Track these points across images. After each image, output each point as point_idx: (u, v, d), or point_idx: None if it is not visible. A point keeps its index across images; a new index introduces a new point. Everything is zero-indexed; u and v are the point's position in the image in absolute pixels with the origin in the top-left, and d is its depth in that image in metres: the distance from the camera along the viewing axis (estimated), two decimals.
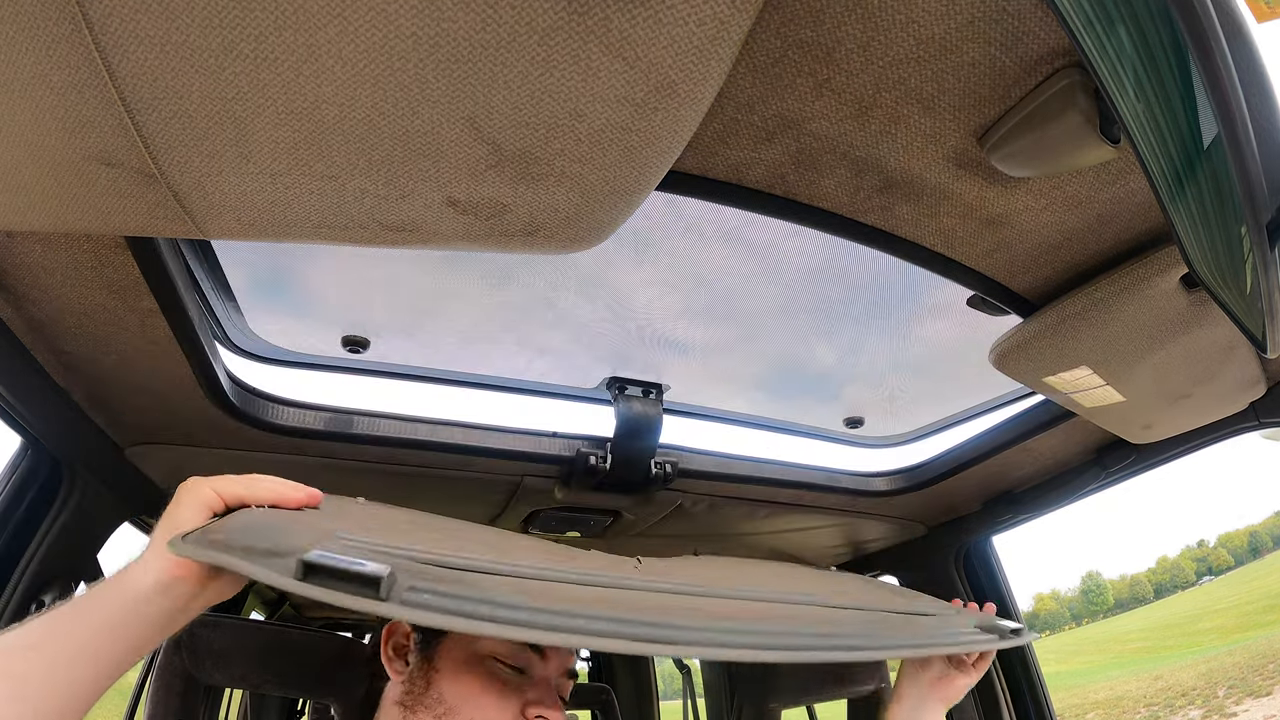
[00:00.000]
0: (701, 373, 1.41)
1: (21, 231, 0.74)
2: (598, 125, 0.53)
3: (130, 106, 0.49)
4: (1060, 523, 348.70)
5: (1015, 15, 0.60)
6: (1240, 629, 54.28)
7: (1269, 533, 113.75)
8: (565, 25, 0.46)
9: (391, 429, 1.30)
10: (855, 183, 0.81)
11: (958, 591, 1.86)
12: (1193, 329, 0.93)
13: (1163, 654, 55.65)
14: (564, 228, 0.64)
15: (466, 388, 1.39)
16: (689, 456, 1.50)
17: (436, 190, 0.59)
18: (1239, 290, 0.66)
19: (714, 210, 0.95)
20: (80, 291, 0.84)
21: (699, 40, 0.47)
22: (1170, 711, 33.53)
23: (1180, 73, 0.46)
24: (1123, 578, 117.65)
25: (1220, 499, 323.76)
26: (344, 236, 0.64)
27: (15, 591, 1.16)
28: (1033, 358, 1.02)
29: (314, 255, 1.06)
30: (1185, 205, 0.59)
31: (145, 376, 1.04)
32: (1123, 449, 1.38)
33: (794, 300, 1.20)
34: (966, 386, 1.47)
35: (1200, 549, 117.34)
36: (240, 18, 0.44)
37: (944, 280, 1.00)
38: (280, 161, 0.55)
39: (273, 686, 1.24)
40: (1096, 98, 0.64)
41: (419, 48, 0.47)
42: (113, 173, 0.55)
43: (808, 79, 0.67)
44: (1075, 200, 0.83)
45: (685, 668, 2.98)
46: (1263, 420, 1.22)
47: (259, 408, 1.20)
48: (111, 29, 0.44)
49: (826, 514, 1.73)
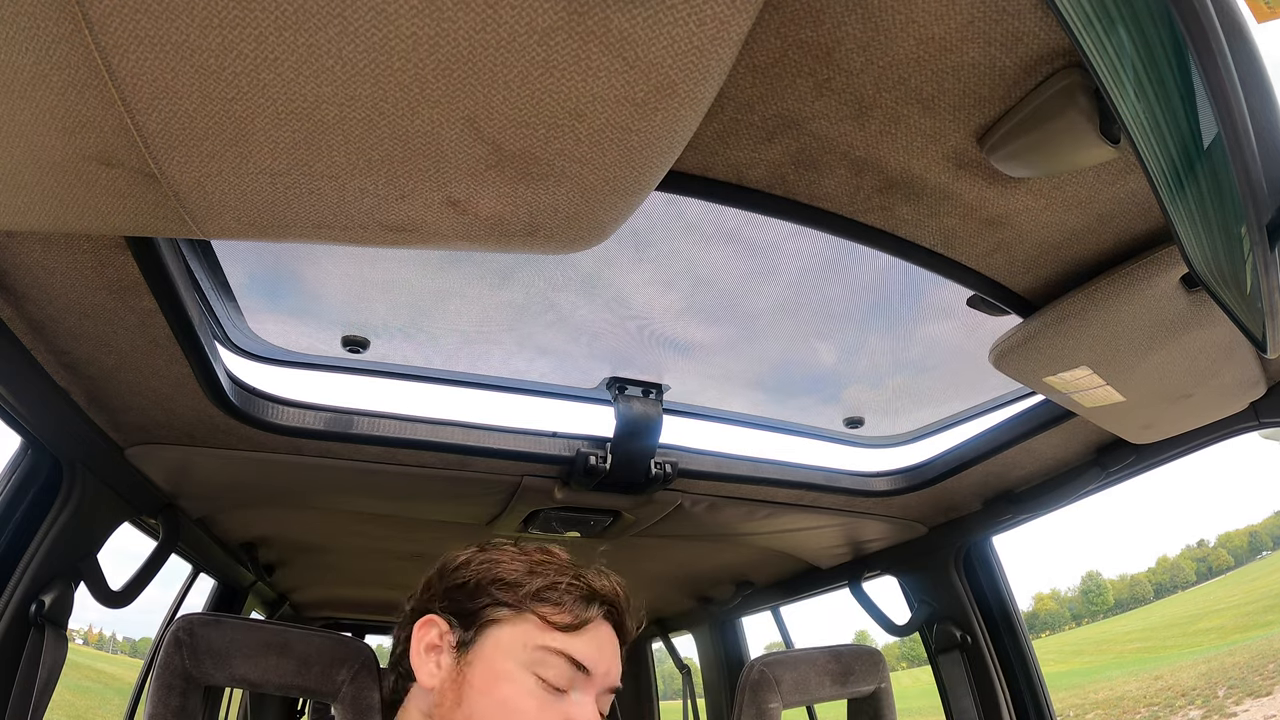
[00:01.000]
0: (701, 373, 1.41)
1: (21, 231, 0.74)
2: (598, 125, 0.53)
3: (130, 106, 0.49)
4: (1060, 523, 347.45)
5: (1015, 15, 0.60)
6: (1240, 629, 54.26)
7: (1269, 533, 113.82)
8: (565, 25, 0.46)
9: (391, 429, 1.30)
10: (855, 183, 0.81)
11: (957, 591, 1.86)
12: (1193, 329, 0.93)
13: (1163, 654, 55.64)
14: (564, 228, 0.64)
15: (466, 388, 1.40)
16: (689, 456, 1.50)
17: (436, 190, 0.59)
18: (1239, 290, 0.66)
19: (714, 210, 0.95)
20: (80, 291, 0.84)
21: (699, 40, 0.47)
22: (1170, 711, 33.51)
23: (1180, 73, 0.46)
24: (1123, 578, 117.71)
25: (1220, 499, 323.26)
26: (344, 236, 0.64)
27: (15, 591, 1.16)
28: (1033, 358, 1.02)
29: (314, 255, 1.06)
30: (1185, 205, 0.59)
31: (145, 376, 1.04)
32: (1123, 449, 1.38)
33: (794, 300, 1.20)
34: (966, 386, 1.47)
35: (1200, 549, 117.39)
36: (240, 18, 0.44)
37: (944, 280, 1.00)
38: (280, 161, 0.55)
39: (273, 686, 1.24)
40: (1096, 98, 0.64)
41: (419, 48, 0.47)
42: (112, 173, 0.55)
43: (808, 79, 0.67)
44: (1075, 200, 0.83)
45: (685, 668, 2.98)
46: (1263, 420, 1.22)
47: (259, 408, 1.20)
48: (111, 29, 0.44)
49: (826, 514, 1.73)
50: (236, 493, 1.52)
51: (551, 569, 0.88)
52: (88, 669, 44.05)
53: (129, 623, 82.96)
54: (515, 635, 0.84)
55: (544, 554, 0.91)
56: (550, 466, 1.43)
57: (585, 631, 0.86)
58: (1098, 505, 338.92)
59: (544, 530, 1.71)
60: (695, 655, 2.96)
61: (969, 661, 1.83)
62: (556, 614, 0.85)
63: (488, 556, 0.90)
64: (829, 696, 1.59)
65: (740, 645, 2.81)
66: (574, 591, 0.87)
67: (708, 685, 2.91)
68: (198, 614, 1.27)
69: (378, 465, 1.36)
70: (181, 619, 1.21)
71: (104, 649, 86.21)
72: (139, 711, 1.46)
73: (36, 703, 1.16)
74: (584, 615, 0.86)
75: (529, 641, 0.83)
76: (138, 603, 1.48)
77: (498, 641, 0.84)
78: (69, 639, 1.26)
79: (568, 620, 0.85)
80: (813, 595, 2.39)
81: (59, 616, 1.21)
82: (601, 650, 0.87)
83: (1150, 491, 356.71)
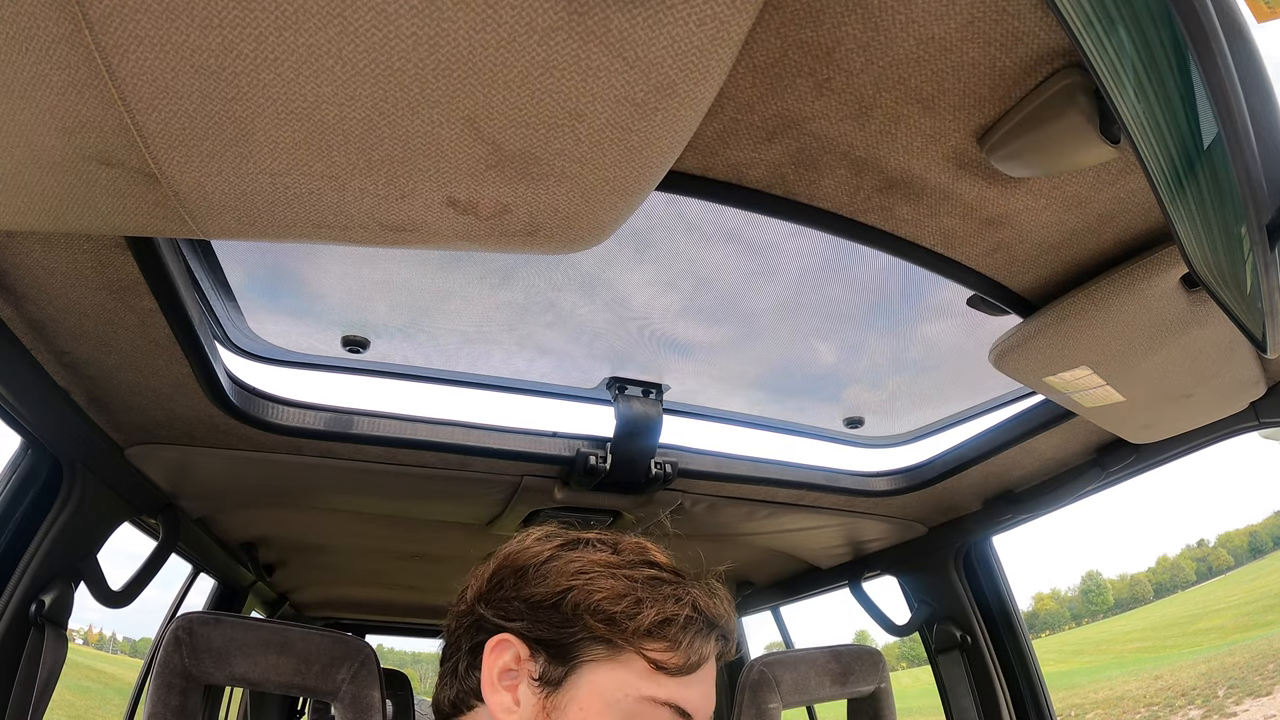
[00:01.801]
0: (701, 373, 1.41)
1: (21, 231, 0.74)
2: (598, 125, 0.53)
3: (130, 106, 0.49)
4: (1060, 523, 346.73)
5: (1015, 15, 0.60)
6: (1240, 629, 54.28)
7: (1269, 533, 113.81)
8: (565, 25, 0.46)
9: (391, 429, 1.30)
10: (855, 183, 0.81)
11: (957, 591, 1.86)
12: (1193, 329, 0.93)
13: (1163, 654, 55.64)
14: (564, 228, 0.64)
15: (466, 388, 1.40)
16: (689, 456, 1.50)
17: (436, 190, 0.59)
18: (1239, 290, 0.66)
19: (714, 210, 0.95)
20: (80, 291, 0.84)
21: (699, 40, 0.47)
22: (1170, 711, 33.53)
23: (1180, 73, 0.46)
24: (1123, 578, 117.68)
25: (1220, 499, 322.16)
26: (344, 236, 0.64)
27: (15, 591, 1.16)
28: (1033, 358, 1.02)
29: (314, 255, 1.06)
30: (1185, 205, 0.59)
31: (145, 376, 1.04)
32: (1123, 449, 1.38)
33: (794, 300, 1.20)
34: (966, 386, 1.47)
35: (1200, 549, 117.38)
36: (240, 18, 0.44)
37: (944, 280, 1.00)
38: (280, 161, 0.55)
39: (273, 685, 1.24)
40: (1096, 98, 0.64)
41: (419, 48, 0.47)
42: (113, 173, 0.55)
43: (808, 79, 0.67)
44: (1075, 200, 0.83)
45: None
46: (1263, 420, 1.22)
47: (259, 408, 1.20)
48: (111, 29, 0.44)
49: (826, 514, 1.73)
50: (236, 493, 1.52)
51: (664, 593, 0.72)
52: (88, 669, 44.07)
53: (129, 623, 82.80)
54: (616, 681, 0.69)
55: (648, 565, 0.75)
56: (550, 466, 1.43)
57: (699, 673, 0.72)
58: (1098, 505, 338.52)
59: None
60: None
61: (969, 661, 1.83)
62: (670, 656, 0.70)
63: (580, 565, 0.73)
64: (829, 696, 1.59)
65: (740, 645, 2.82)
66: (692, 625, 0.71)
67: None
68: (197, 613, 1.27)
69: (378, 465, 1.36)
70: (181, 618, 1.21)
71: (104, 649, 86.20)
72: (139, 711, 1.46)
73: (36, 703, 1.16)
74: (702, 653, 0.72)
75: (632, 691, 0.69)
76: (138, 603, 1.48)
77: (594, 686, 0.69)
78: (69, 639, 1.26)
79: (681, 662, 0.70)
80: (813, 595, 2.39)
81: (59, 616, 1.21)
82: (707, 690, 0.73)
83: (1150, 491, 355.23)
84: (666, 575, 0.74)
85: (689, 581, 0.75)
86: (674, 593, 0.72)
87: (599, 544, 0.76)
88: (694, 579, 0.76)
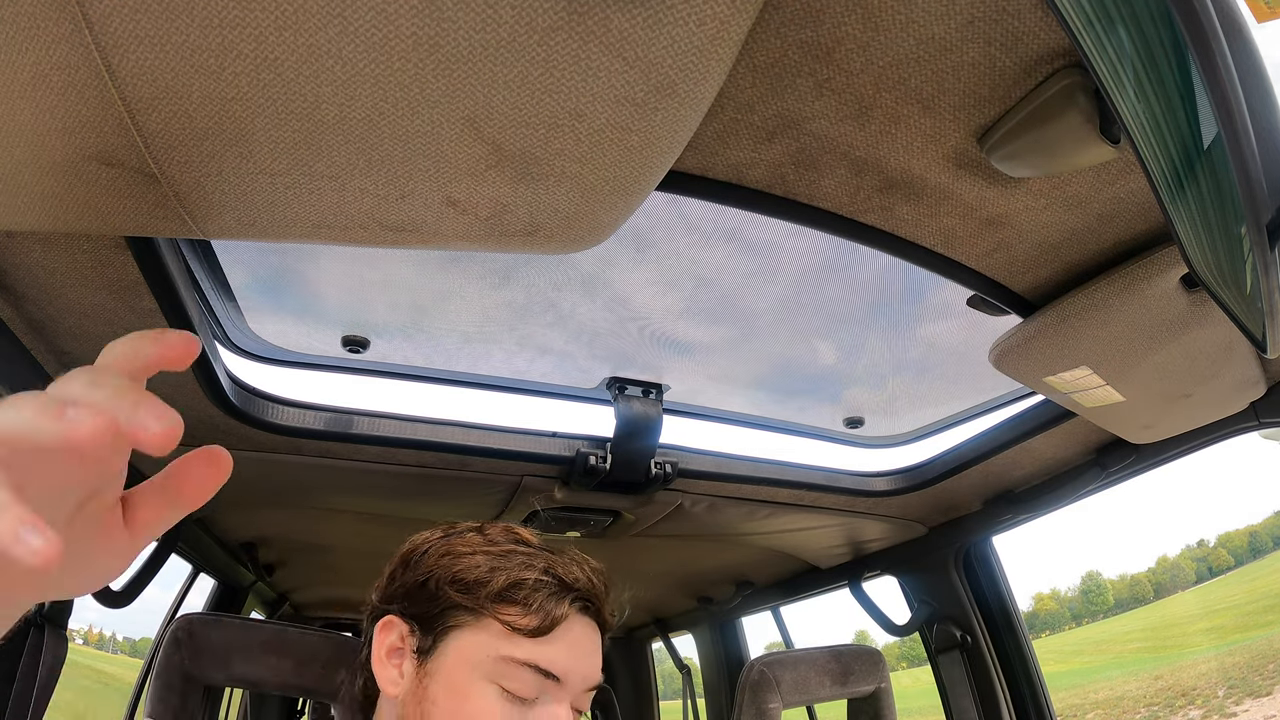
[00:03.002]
0: (701, 373, 1.41)
1: (21, 231, 0.74)
2: (598, 125, 0.53)
3: (130, 106, 0.49)
4: (1060, 523, 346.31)
5: (1015, 15, 0.60)
6: (1240, 629, 54.27)
7: (1269, 533, 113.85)
8: (565, 25, 0.46)
9: (391, 429, 1.30)
10: (855, 183, 0.81)
11: (957, 591, 1.86)
12: (1193, 329, 0.93)
13: (1163, 654, 55.65)
14: (564, 228, 0.64)
15: (466, 388, 1.40)
16: (689, 456, 1.50)
17: (436, 190, 0.59)
18: (1239, 290, 0.66)
19: (714, 210, 0.95)
20: (80, 291, 0.84)
21: (699, 40, 0.47)
22: (1170, 711, 33.54)
23: (1180, 73, 0.46)
24: (1123, 578, 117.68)
25: (1220, 499, 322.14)
26: (344, 236, 0.64)
27: None
28: (1033, 358, 1.02)
29: (314, 255, 1.06)
30: (1185, 205, 0.59)
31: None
32: (1123, 449, 1.38)
33: (794, 300, 1.20)
34: (966, 387, 1.47)
35: (1200, 549, 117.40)
36: (240, 18, 0.44)
37: (944, 280, 1.00)
38: (280, 161, 0.55)
39: (272, 686, 1.24)
40: (1096, 98, 0.64)
41: (419, 48, 0.47)
42: (112, 173, 0.55)
43: (808, 79, 0.67)
44: (1075, 200, 0.83)
45: (685, 668, 2.98)
46: (1263, 420, 1.22)
47: (259, 408, 1.20)
48: (111, 29, 0.44)
49: (826, 514, 1.73)
50: (236, 492, 1.52)
51: (517, 561, 0.78)
52: (88, 669, 44.07)
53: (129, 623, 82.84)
54: (477, 643, 0.75)
55: (511, 542, 0.81)
56: (550, 466, 1.43)
57: (555, 634, 0.76)
58: (1098, 505, 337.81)
59: (544, 530, 1.71)
60: (695, 655, 2.96)
61: (969, 661, 1.83)
62: (522, 617, 0.75)
63: (448, 547, 0.80)
64: (829, 696, 1.59)
65: (740, 645, 2.82)
66: (542, 588, 0.77)
67: (708, 685, 2.91)
68: (197, 614, 1.27)
69: (378, 465, 1.36)
70: (181, 619, 1.21)
71: (104, 649, 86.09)
72: (139, 711, 1.46)
73: (36, 703, 1.16)
74: (554, 615, 0.76)
75: (491, 651, 0.74)
76: (138, 603, 1.48)
77: (459, 650, 0.76)
78: (69, 639, 1.26)
79: (534, 623, 0.75)
80: (813, 595, 2.39)
81: (59, 616, 1.21)
82: (574, 652, 0.78)
83: (1150, 491, 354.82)
84: (524, 548, 0.81)
85: (548, 553, 0.81)
86: (526, 560, 0.79)
87: (469, 531, 0.84)
88: (559, 551, 0.82)
